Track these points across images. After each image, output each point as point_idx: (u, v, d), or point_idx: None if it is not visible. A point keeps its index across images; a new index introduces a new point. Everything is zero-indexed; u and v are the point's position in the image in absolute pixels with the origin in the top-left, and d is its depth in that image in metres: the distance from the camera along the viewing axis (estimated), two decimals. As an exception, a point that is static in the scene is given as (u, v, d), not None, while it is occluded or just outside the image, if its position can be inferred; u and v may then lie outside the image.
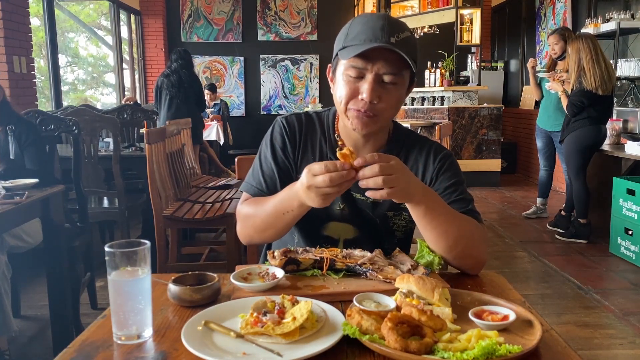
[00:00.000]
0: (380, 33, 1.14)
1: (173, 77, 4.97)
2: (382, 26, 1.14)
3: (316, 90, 9.08)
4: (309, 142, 1.34)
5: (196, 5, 8.79)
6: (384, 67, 1.15)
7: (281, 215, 1.17)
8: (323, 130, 1.35)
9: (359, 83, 1.17)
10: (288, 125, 1.34)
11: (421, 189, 1.10)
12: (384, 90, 1.17)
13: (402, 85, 1.20)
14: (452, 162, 1.31)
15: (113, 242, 0.88)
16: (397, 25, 1.17)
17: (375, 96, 1.16)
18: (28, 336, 2.66)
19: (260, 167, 1.34)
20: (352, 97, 1.18)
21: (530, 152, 7.08)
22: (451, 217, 1.15)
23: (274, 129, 1.36)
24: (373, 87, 1.15)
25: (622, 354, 2.53)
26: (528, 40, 7.71)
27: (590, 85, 3.95)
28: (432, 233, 1.14)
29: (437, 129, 2.86)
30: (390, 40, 1.13)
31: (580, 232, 4.24)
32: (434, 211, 1.12)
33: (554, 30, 4.63)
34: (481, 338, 0.80)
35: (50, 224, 2.27)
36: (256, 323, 0.86)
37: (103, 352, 0.84)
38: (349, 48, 1.16)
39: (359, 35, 1.16)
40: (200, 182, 3.84)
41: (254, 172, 1.35)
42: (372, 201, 1.31)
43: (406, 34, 1.17)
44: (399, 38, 1.14)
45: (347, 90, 1.19)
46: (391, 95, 1.18)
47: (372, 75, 1.15)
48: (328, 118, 1.37)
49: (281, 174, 1.32)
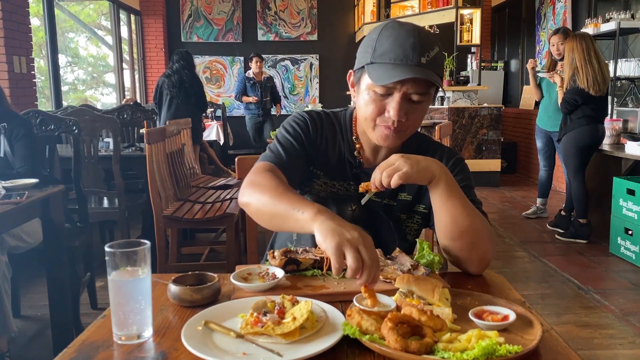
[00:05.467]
0: (411, 53, 1.11)
1: (174, 77, 4.99)
2: (413, 45, 1.11)
3: (316, 90, 9.08)
4: (329, 139, 1.34)
5: (196, 5, 8.79)
6: (413, 87, 1.14)
7: (286, 218, 1.08)
8: (341, 131, 1.35)
9: (386, 100, 1.16)
10: (311, 117, 1.34)
11: (440, 166, 1.12)
12: (411, 108, 1.17)
13: (427, 102, 1.20)
14: (463, 167, 1.33)
15: (113, 242, 0.88)
16: (428, 42, 1.13)
17: (402, 115, 1.15)
18: (28, 336, 2.66)
19: (279, 142, 1.30)
20: (379, 114, 1.18)
21: (530, 152, 7.08)
22: (466, 203, 1.15)
23: (296, 117, 1.34)
24: (401, 106, 1.15)
25: (622, 354, 2.53)
26: (528, 40, 7.71)
27: (583, 84, 3.96)
28: (446, 215, 1.14)
29: (437, 129, 2.86)
30: (420, 61, 1.11)
31: (580, 232, 4.24)
32: (452, 190, 1.13)
33: (556, 29, 4.61)
34: (481, 338, 0.80)
35: (50, 224, 2.27)
36: (256, 323, 0.86)
37: (103, 352, 0.84)
38: (378, 68, 1.13)
39: (387, 53, 1.12)
40: (200, 182, 3.84)
41: (270, 148, 1.30)
42: (385, 203, 1.31)
43: (435, 50, 1.14)
44: (429, 57, 1.12)
45: (373, 107, 1.18)
46: (418, 113, 1.19)
47: (400, 95, 1.14)
48: (345, 119, 1.36)
49: (298, 152, 1.28)
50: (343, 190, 1.32)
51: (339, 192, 1.32)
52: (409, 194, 1.31)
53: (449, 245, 1.17)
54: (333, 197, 1.32)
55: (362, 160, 1.32)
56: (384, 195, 1.29)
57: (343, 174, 1.32)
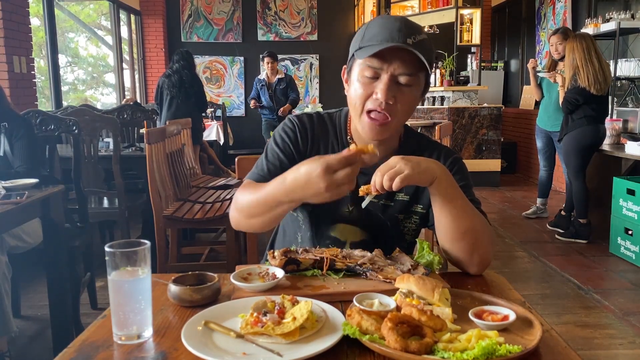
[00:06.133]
0: (397, 34, 1.14)
1: (174, 77, 4.99)
2: (399, 27, 1.15)
3: (316, 90, 9.07)
4: (321, 142, 1.34)
5: (196, 5, 8.78)
6: (400, 67, 1.16)
7: (273, 207, 1.14)
8: (335, 132, 1.35)
9: (374, 83, 1.18)
10: (300, 123, 1.34)
11: (440, 167, 1.11)
12: (399, 91, 1.18)
13: (417, 88, 1.21)
14: (461, 166, 1.33)
15: (113, 242, 0.88)
16: (414, 28, 1.17)
17: (390, 96, 1.16)
18: (28, 336, 2.66)
19: (266, 156, 1.33)
20: (368, 97, 1.19)
21: (530, 152, 7.08)
22: (467, 205, 1.16)
23: (285, 124, 1.35)
24: (389, 87, 1.16)
25: (622, 354, 2.53)
26: (528, 40, 7.71)
27: (584, 83, 3.97)
28: (447, 217, 1.14)
29: (437, 129, 2.86)
30: (407, 41, 1.14)
31: (580, 232, 4.24)
32: (453, 192, 1.13)
33: (556, 30, 4.62)
34: (481, 338, 0.80)
35: (50, 224, 2.27)
36: (256, 323, 0.86)
37: (103, 352, 0.84)
38: (366, 48, 1.17)
39: (375, 36, 1.17)
40: (200, 182, 3.84)
41: (258, 162, 1.35)
42: (382, 203, 1.31)
43: (423, 36, 1.17)
44: (416, 40, 1.15)
45: (362, 90, 1.19)
46: (406, 97, 1.19)
47: (387, 76, 1.16)
48: (340, 119, 1.36)
49: (285, 166, 1.30)
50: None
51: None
52: (406, 195, 1.31)
53: (450, 246, 1.17)
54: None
55: None
56: (381, 195, 1.29)
57: None
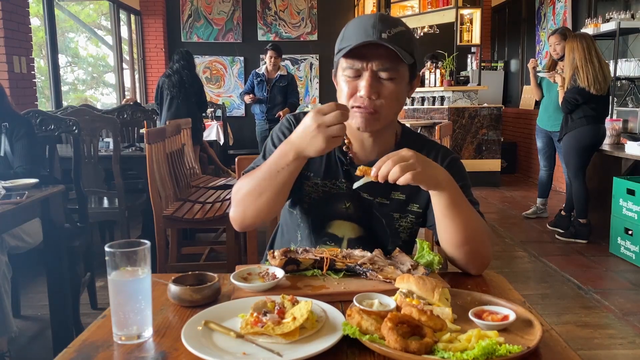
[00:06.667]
0: (371, 30, 1.17)
1: (174, 77, 4.99)
2: (373, 24, 1.18)
3: (316, 90, 9.07)
4: None
5: (196, 5, 8.78)
6: (379, 63, 1.18)
7: (275, 174, 1.15)
8: None
9: (357, 81, 1.21)
10: (297, 121, 1.34)
11: (446, 174, 1.11)
12: (382, 86, 1.20)
13: (400, 80, 1.22)
14: (459, 166, 1.33)
15: (113, 242, 0.88)
16: (389, 22, 1.19)
17: (372, 92, 1.19)
18: (28, 336, 2.66)
19: (264, 155, 1.35)
20: (352, 95, 1.22)
21: (530, 152, 7.08)
22: (470, 211, 1.16)
23: (283, 124, 1.38)
24: (370, 84, 1.19)
25: (622, 354, 2.53)
26: (528, 40, 7.71)
27: (583, 83, 3.97)
28: (450, 224, 1.14)
29: (437, 129, 2.85)
30: (381, 37, 1.16)
31: (580, 232, 4.24)
32: (457, 199, 1.13)
33: (554, 30, 4.63)
34: (481, 338, 0.80)
35: (50, 224, 2.27)
36: (256, 323, 0.86)
37: (103, 352, 0.84)
38: (344, 49, 1.20)
39: (352, 35, 1.21)
40: (200, 182, 3.84)
41: (255, 160, 1.37)
42: (378, 201, 1.31)
43: (399, 28, 1.19)
44: (391, 33, 1.17)
45: (346, 89, 1.22)
46: (389, 91, 1.21)
47: (368, 72, 1.19)
48: None
49: None
50: (335, 189, 1.32)
51: (331, 191, 1.32)
52: (403, 193, 1.31)
53: (454, 251, 1.17)
54: (325, 196, 1.33)
55: (352, 156, 1.32)
56: (376, 193, 1.30)
57: (334, 173, 1.32)
